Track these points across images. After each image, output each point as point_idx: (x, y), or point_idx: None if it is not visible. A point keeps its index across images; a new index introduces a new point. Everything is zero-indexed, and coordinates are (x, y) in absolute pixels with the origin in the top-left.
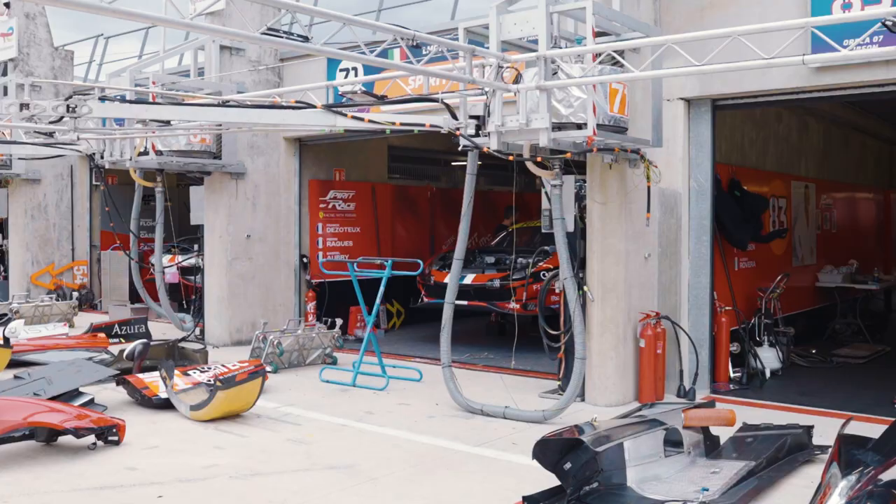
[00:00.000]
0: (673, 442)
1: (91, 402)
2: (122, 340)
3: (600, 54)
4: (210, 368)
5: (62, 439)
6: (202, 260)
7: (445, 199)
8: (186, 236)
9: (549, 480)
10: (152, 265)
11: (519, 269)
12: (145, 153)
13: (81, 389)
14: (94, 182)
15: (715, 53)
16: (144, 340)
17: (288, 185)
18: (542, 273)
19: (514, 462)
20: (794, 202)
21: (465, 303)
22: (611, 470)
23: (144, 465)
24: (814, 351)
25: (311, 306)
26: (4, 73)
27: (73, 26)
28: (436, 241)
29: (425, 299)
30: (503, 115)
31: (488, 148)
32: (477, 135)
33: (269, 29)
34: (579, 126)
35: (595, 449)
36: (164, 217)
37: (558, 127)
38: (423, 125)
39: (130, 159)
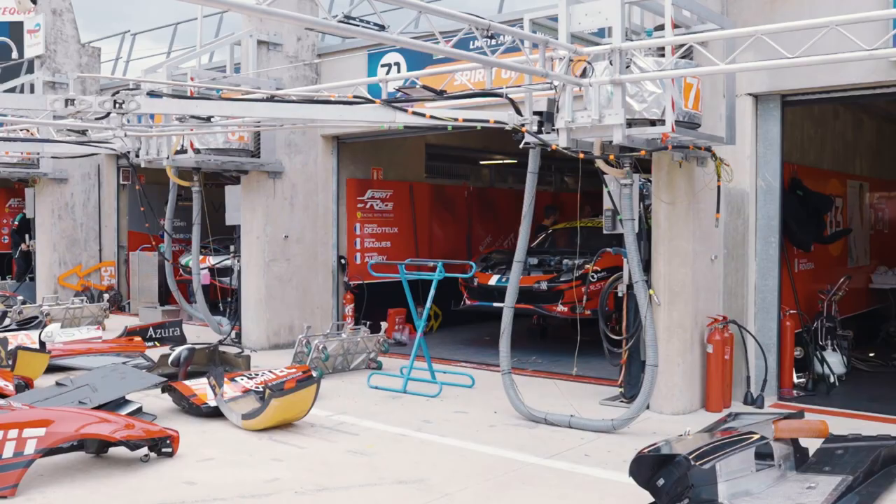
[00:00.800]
0: (762, 455)
1: (139, 410)
2: (157, 344)
3: (680, 47)
4: (258, 375)
5: (113, 450)
6: (238, 261)
7: (482, 198)
8: (215, 237)
9: (633, 496)
10: (181, 266)
11: (566, 270)
12: (182, 151)
13: (127, 397)
14: (121, 182)
15: (811, 43)
16: (190, 346)
17: (325, 184)
18: (590, 275)
19: (591, 475)
20: (849, 201)
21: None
22: (701, 486)
23: (203, 479)
24: (872, 354)
25: (349, 309)
26: (29, 71)
27: (91, 25)
28: (472, 242)
29: (468, 302)
30: (573, 111)
31: (557, 145)
32: (539, 131)
33: (346, 17)
34: (653, 122)
35: (696, 463)
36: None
37: (629, 123)
38: (486, 121)
39: (168, 157)
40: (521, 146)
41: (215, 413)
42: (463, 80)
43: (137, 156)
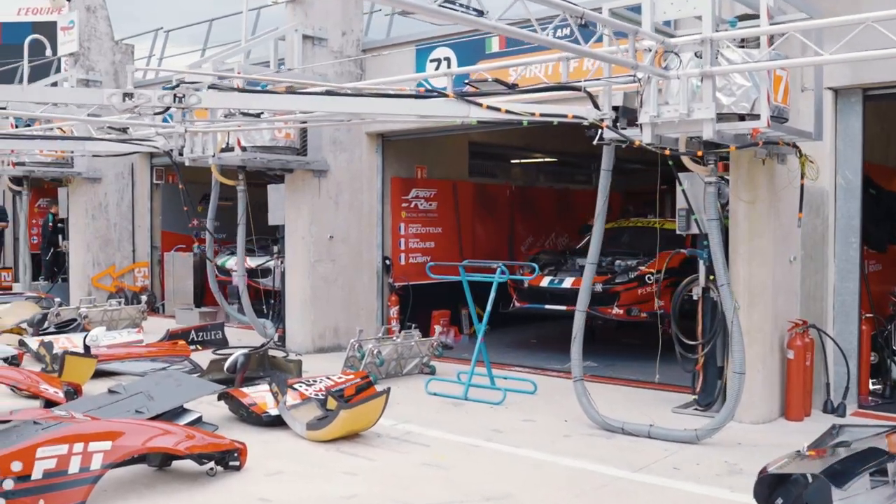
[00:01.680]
0: (877, 471)
1: (199, 420)
2: (199, 348)
3: (773, 37)
4: (316, 381)
5: (176, 464)
6: (281, 262)
7: (523, 197)
8: (250, 237)
9: None
10: (217, 266)
11: (620, 272)
12: (228, 149)
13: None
14: (154, 181)
15: None
16: (245, 351)
17: (370, 182)
18: (646, 276)
19: (685, 490)
20: None
21: (563, 308)
22: None
23: (276, 496)
24: None
25: (394, 311)
26: (58, 70)
27: (119, 23)
28: (515, 243)
29: (517, 304)
30: (658, 105)
31: (640, 141)
32: (614, 126)
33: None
34: (741, 117)
35: (813, 482)
36: (240, 217)
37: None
38: (564, 116)
39: (213, 156)
40: (594, 142)
41: (276, 422)
42: (517, 75)
43: (181, 154)
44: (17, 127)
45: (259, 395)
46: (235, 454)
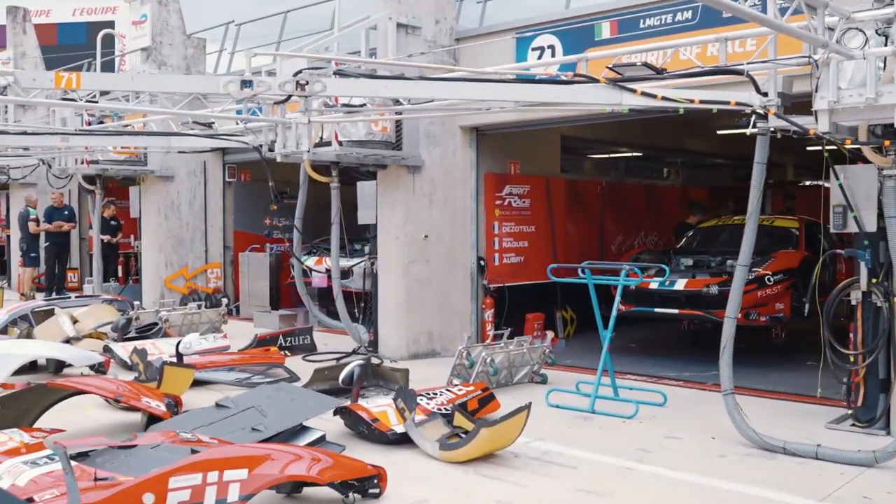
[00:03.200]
0: None
1: (322, 439)
2: (287, 353)
3: None
4: (437, 394)
5: (308, 490)
6: (373, 263)
7: (614, 194)
8: (324, 237)
9: None
10: (292, 267)
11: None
12: (322, 144)
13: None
14: (226, 179)
15: None
16: (361, 362)
17: (464, 179)
18: (766, 278)
19: None
20: None
21: (675, 311)
22: None
23: None
24: None
25: (488, 314)
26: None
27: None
28: (605, 242)
29: (622, 307)
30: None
31: (815, 130)
32: (784, 114)
33: None
34: None
35: None
36: (334, 216)
37: None
38: (726, 103)
39: (308, 151)
40: (748, 132)
41: (402, 440)
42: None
43: (270, 149)
44: (90, 124)
45: (379, 409)
46: (375, 480)
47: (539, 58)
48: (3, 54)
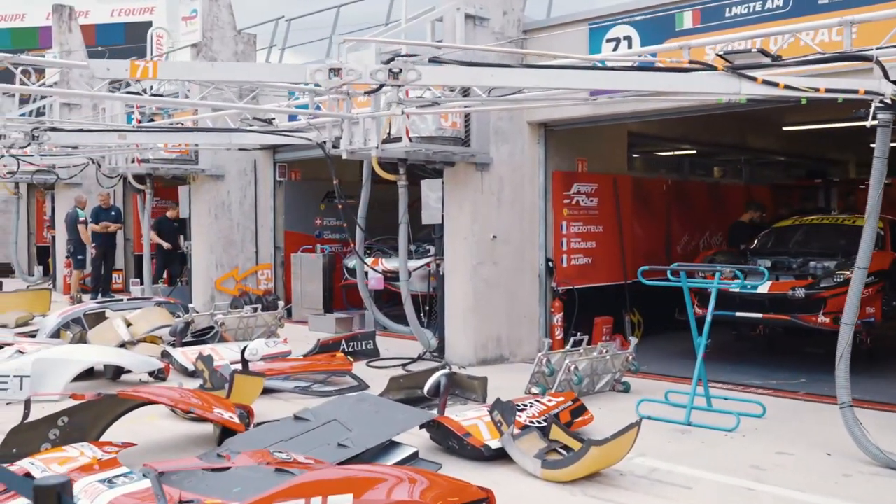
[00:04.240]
0: None
1: (415, 456)
2: (351, 359)
3: None
4: (527, 405)
5: None
6: (438, 265)
7: (679, 192)
8: (378, 237)
9: None
10: (346, 269)
11: (824, 275)
12: (391, 140)
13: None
14: (277, 178)
15: None
16: (446, 371)
17: (532, 177)
18: None
19: None
20: None
21: (758, 315)
22: None
23: None
24: None
25: (557, 318)
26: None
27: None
28: (671, 242)
29: (698, 311)
30: None
31: None
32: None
33: None
34: None
35: None
36: (401, 216)
37: None
38: (854, 91)
39: (377, 147)
40: (868, 124)
41: (497, 456)
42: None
43: (335, 146)
44: (140, 122)
45: (470, 423)
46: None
47: (615, 49)
48: (49, 53)
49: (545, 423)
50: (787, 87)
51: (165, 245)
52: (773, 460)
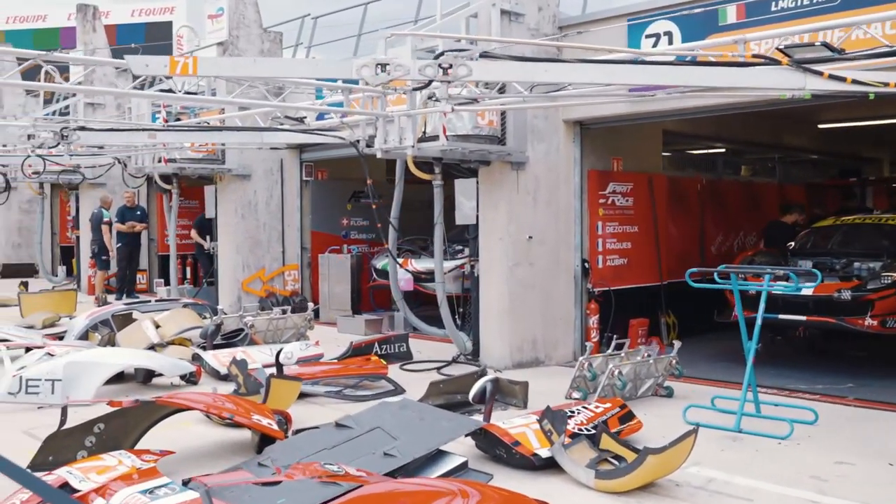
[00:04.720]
0: None
1: (464, 466)
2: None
3: None
4: (574, 412)
5: None
6: (473, 266)
7: (713, 192)
8: (408, 237)
9: None
10: (375, 269)
11: (871, 276)
12: (426, 138)
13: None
14: (303, 177)
15: None
16: (493, 377)
17: (567, 176)
18: None
19: None
20: None
21: (802, 318)
22: None
23: None
24: None
25: (593, 320)
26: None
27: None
28: (706, 243)
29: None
30: None
31: None
32: None
33: None
34: None
35: None
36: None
37: None
38: None
39: (413, 146)
40: None
41: (546, 465)
42: (759, 49)
43: (369, 146)
44: (167, 122)
45: (518, 430)
46: None
47: (654, 45)
48: (74, 53)
49: (594, 431)
50: (854, 81)
51: (206, 245)
52: (833, 470)
